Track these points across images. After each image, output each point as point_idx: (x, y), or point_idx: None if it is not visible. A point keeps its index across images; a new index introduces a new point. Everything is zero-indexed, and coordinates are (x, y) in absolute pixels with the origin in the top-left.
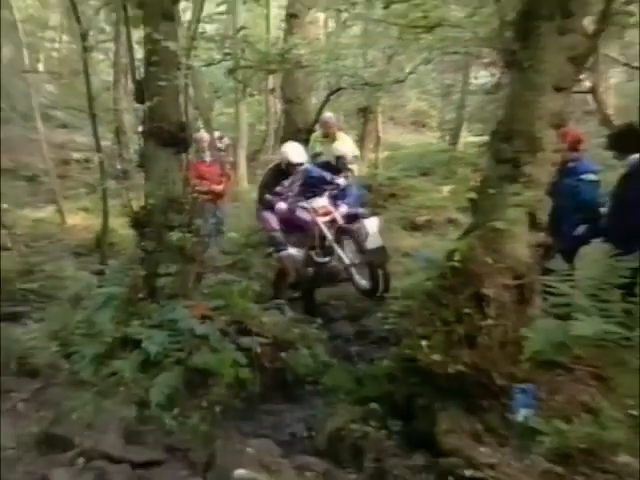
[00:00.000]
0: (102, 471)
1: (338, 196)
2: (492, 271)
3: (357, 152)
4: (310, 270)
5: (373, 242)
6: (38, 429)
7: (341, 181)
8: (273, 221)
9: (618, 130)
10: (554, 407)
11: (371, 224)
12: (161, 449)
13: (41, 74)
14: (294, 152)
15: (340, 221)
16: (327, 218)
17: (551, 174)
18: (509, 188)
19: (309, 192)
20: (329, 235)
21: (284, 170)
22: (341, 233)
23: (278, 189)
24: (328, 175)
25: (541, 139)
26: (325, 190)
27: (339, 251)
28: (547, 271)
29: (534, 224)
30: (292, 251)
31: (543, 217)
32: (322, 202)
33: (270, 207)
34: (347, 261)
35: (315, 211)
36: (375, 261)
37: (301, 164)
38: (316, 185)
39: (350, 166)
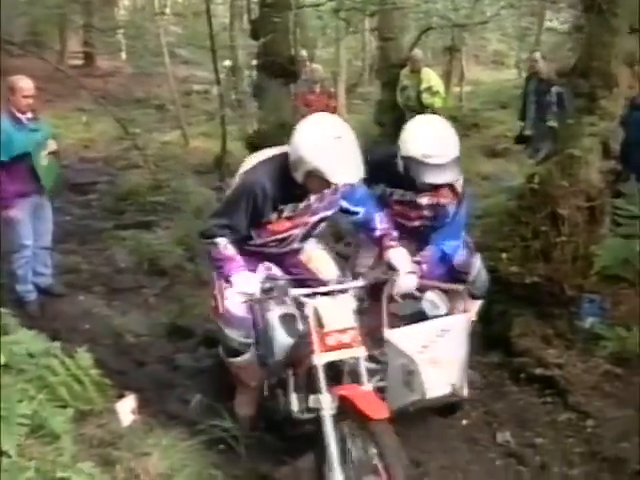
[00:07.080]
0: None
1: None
2: (567, 193)
3: (442, 86)
4: None
5: None
6: (166, 320)
7: None
8: None
9: None
10: (617, 316)
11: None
12: None
13: (168, 17)
14: None
15: None
16: None
17: (624, 107)
18: (585, 119)
19: None
20: None
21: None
22: None
23: None
24: None
25: (616, 75)
26: None
27: None
28: (618, 194)
29: (607, 152)
30: None
31: (615, 146)
32: None
33: None
34: None
35: None
36: None
37: None
38: None
39: None
